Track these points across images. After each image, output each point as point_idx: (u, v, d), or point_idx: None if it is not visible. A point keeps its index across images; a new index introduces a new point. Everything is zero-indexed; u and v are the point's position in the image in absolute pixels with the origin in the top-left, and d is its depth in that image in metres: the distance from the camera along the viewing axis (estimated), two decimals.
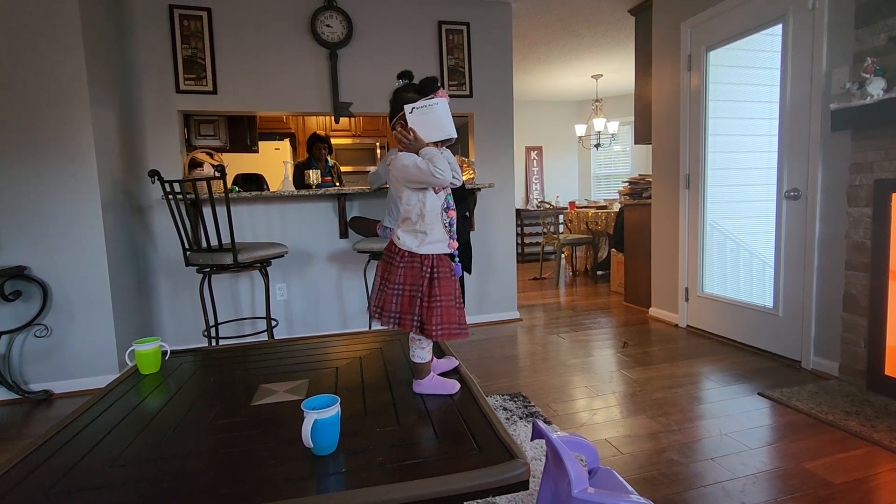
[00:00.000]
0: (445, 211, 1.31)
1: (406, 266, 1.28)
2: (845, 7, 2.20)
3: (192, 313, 3.06)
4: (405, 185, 1.29)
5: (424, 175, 1.23)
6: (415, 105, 1.24)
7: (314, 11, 3.11)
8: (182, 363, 1.65)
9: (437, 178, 1.22)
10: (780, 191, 2.58)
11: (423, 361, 1.32)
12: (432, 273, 1.27)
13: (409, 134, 1.26)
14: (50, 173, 2.41)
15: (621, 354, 2.79)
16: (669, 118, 3.35)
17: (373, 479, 0.90)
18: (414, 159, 1.25)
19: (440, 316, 1.24)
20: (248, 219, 3.10)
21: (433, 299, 1.25)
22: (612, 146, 6.60)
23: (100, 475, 0.96)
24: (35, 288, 2.41)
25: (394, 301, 1.28)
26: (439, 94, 1.27)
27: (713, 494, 1.47)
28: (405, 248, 1.29)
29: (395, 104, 1.30)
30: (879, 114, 1.97)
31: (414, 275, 1.27)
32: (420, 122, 1.25)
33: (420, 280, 1.27)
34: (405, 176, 1.26)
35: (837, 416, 1.92)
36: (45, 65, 2.36)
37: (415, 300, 1.26)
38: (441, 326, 1.24)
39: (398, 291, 1.28)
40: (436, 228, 1.28)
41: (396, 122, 1.29)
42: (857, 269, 2.18)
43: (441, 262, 1.29)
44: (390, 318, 1.28)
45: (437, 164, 1.22)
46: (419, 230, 1.28)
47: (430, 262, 1.28)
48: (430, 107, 1.24)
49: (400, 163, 1.27)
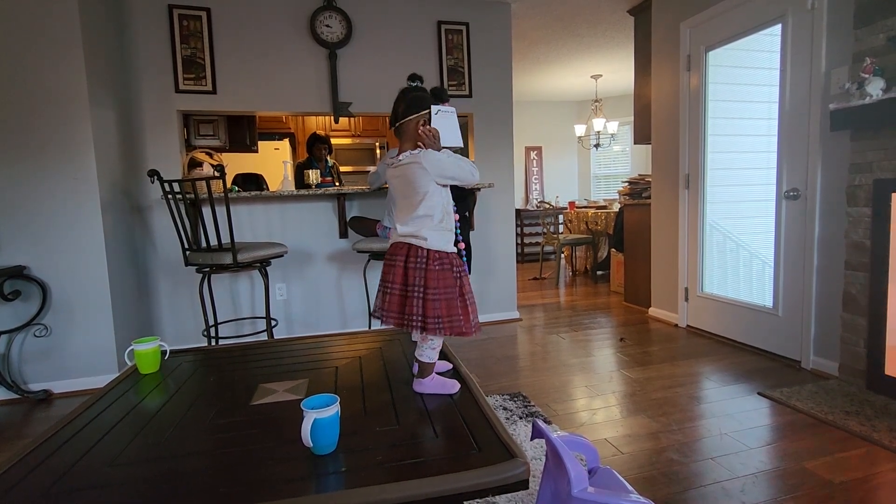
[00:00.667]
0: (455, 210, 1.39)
1: (439, 270, 1.27)
2: (844, 7, 2.20)
3: (191, 313, 3.06)
4: (436, 180, 1.30)
5: (463, 172, 1.31)
6: (440, 108, 1.31)
7: (313, 11, 3.11)
8: (181, 363, 1.64)
9: (474, 176, 1.34)
10: (780, 191, 2.58)
11: (432, 361, 1.33)
12: (460, 272, 1.32)
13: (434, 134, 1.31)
14: (49, 173, 2.40)
15: (621, 354, 2.79)
16: (669, 118, 3.35)
17: (372, 479, 0.90)
18: (446, 155, 1.31)
19: (474, 312, 1.31)
20: (248, 219, 3.10)
21: (466, 298, 1.31)
22: (611, 146, 6.60)
23: (99, 475, 0.96)
24: (34, 287, 2.41)
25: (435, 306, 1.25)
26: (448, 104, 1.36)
27: (713, 494, 1.47)
28: (436, 249, 1.28)
29: (415, 102, 1.34)
30: (878, 114, 1.97)
31: (447, 277, 1.28)
32: (442, 125, 1.32)
33: (454, 282, 1.29)
34: (441, 170, 1.29)
35: (837, 415, 1.92)
36: (45, 64, 2.36)
37: (452, 303, 1.27)
38: (475, 322, 1.32)
39: (437, 296, 1.25)
40: (451, 227, 1.35)
41: (419, 119, 1.33)
42: (856, 269, 2.18)
43: (459, 261, 1.34)
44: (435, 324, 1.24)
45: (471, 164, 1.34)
46: (447, 228, 1.31)
47: (456, 262, 1.32)
48: (451, 113, 1.34)
49: (434, 157, 1.29)
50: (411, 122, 1.33)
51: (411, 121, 1.33)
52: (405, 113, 1.34)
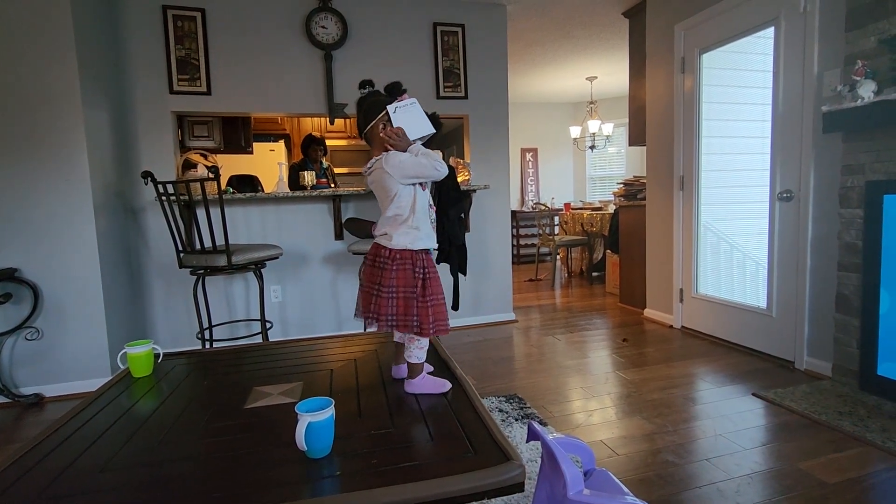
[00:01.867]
0: (430, 207, 1.37)
1: (399, 269, 1.30)
2: (836, 10, 2.22)
3: (185, 315, 3.04)
4: (401, 182, 1.31)
5: (426, 169, 1.29)
6: (397, 105, 1.29)
7: (309, 13, 3.10)
8: (175, 366, 1.63)
9: (438, 171, 1.30)
10: (773, 192, 2.59)
11: (420, 361, 1.33)
12: (424, 274, 1.30)
13: (397, 133, 1.30)
14: (42, 174, 2.38)
15: (616, 356, 2.79)
16: (663, 120, 3.36)
17: (367, 482, 0.90)
18: (408, 156, 1.29)
19: (435, 314, 1.29)
20: (243, 220, 3.08)
21: (428, 299, 1.29)
22: (606, 148, 6.62)
23: (90, 480, 0.95)
24: (26, 290, 2.39)
25: (389, 304, 1.29)
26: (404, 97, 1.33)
27: (708, 495, 1.47)
28: (398, 248, 1.31)
29: (371, 109, 1.34)
30: (870, 116, 1.98)
31: (407, 276, 1.30)
32: (404, 121, 1.30)
33: (414, 281, 1.29)
34: (403, 172, 1.29)
35: (831, 416, 1.93)
36: (38, 65, 2.34)
37: (410, 301, 1.29)
38: (436, 324, 1.29)
39: (392, 294, 1.30)
40: (424, 224, 1.34)
41: (378, 124, 1.33)
42: (849, 270, 2.19)
43: (430, 261, 1.32)
44: (387, 321, 1.30)
45: (435, 158, 1.29)
46: (413, 226, 1.31)
47: (421, 262, 1.31)
48: (411, 105, 1.30)
49: (395, 160, 1.29)
50: (374, 129, 1.34)
51: (373, 127, 1.34)
52: (365, 122, 1.35)
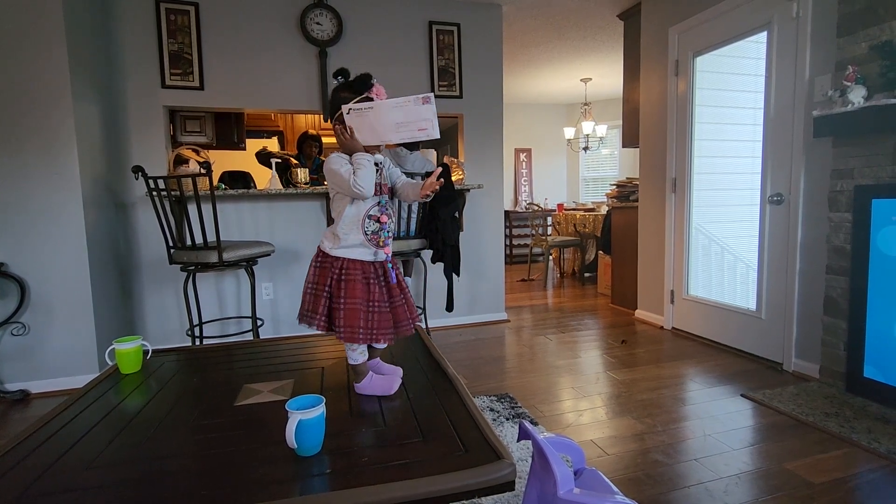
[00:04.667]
0: (370, 219, 1.28)
1: (318, 266, 1.30)
2: (828, 16, 2.25)
3: (175, 312, 3.01)
4: (330, 188, 1.29)
5: (343, 183, 1.22)
6: (352, 106, 1.22)
7: (304, 9, 3.09)
8: (164, 362, 1.62)
9: (355, 191, 1.22)
10: (764, 195, 2.62)
11: (356, 363, 1.32)
12: (340, 275, 1.26)
13: (347, 132, 1.25)
14: (30, 168, 2.35)
15: (607, 356, 2.81)
16: (657, 122, 3.38)
17: (358, 480, 0.89)
18: (340, 167, 1.23)
19: (343, 318, 1.24)
20: (235, 217, 3.06)
21: (338, 301, 1.25)
22: (600, 149, 6.65)
23: (76, 477, 0.93)
24: (12, 285, 2.35)
25: (307, 300, 1.30)
26: (374, 92, 1.25)
27: (696, 495, 1.48)
28: (324, 250, 1.30)
29: (332, 104, 1.29)
30: (860, 121, 2.01)
31: (324, 275, 1.28)
32: (356, 123, 1.24)
33: (328, 280, 1.27)
34: (331, 180, 1.26)
35: (817, 417, 1.95)
36: (27, 58, 2.30)
37: (319, 299, 1.27)
38: (342, 329, 1.24)
39: (311, 290, 1.30)
40: (351, 235, 1.27)
41: (336, 121, 1.28)
42: (837, 273, 2.22)
43: (352, 265, 1.26)
44: (301, 314, 1.31)
45: (359, 179, 1.20)
46: (335, 233, 1.28)
47: (339, 263, 1.27)
48: (365, 110, 1.22)
49: (328, 165, 1.25)
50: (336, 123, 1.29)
51: (335, 121, 1.28)
52: (330, 117, 1.31)
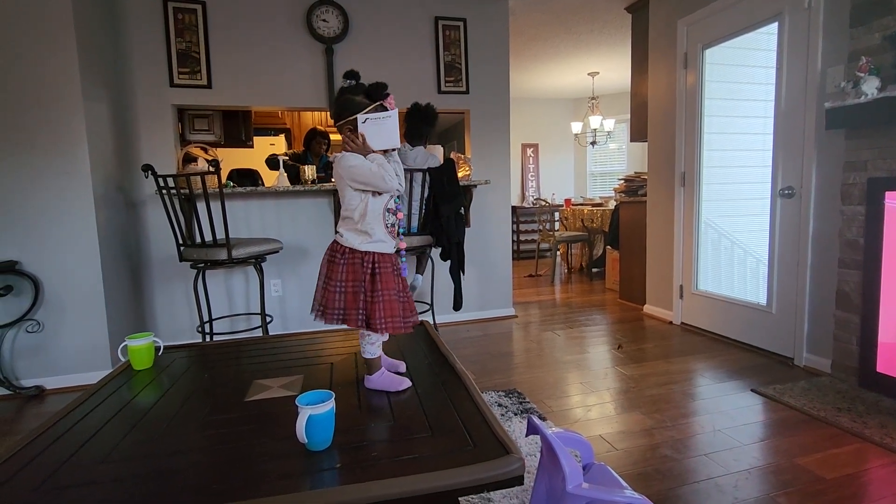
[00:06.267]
0: (388, 212, 1.32)
1: (347, 263, 1.30)
2: (841, 6, 2.21)
3: (185, 309, 3.04)
4: (349, 184, 1.29)
5: (374, 178, 1.25)
6: (369, 115, 1.25)
7: (310, 6, 3.09)
8: (175, 359, 1.64)
9: (387, 184, 1.26)
10: (775, 189, 2.59)
11: (373, 357, 1.34)
12: (374, 269, 1.29)
13: (359, 139, 1.27)
14: (42, 168, 2.38)
15: (616, 351, 2.80)
16: (665, 116, 3.35)
17: (367, 475, 0.90)
18: (363, 160, 1.26)
19: (383, 310, 1.26)
20: (243, 214, 3.08)
21: (375, 294, 1.27)
22: (607, 144, 6.61)
23: (90, 471, 0.95)
24: (27, 283, 2.39)
25: (337, 298, 1.29)
26: (388, 100, 1.29)
27: (706, 490, 1.48)
28: (347, 246, 1.31)
29: (343, 108, 1.30)
30: (873, 113, 1.97)
31: (356, 271, 1.29)
32: (370, 131, 1.26)
33: (362, 276, 1.28)
34: (350, 175, 1.27)
35: (829, 412, 1.93)
36: (37, 59, 2.33)
37: (357, 296, 1.28)
38: (384, 320, 1.26)
39: (341, 288, 1.29)
40: (377, 229, 1.30)
41: (345, 125, 1.29)
42: (849, 267, 2.19)
43: (382, 258, 1.30)
44: (334, 315, 1.30)
45: (387, 171, 1.26)
46: (361, 230, 1.30)
47: (370, 258, 1.29)
48: (383, 118, 1.25)
49: (346, 163, 1.27)
50: (343, 127, 1.30)
51: (341, 125, 1.30)
52: (336, 118, 1.32)
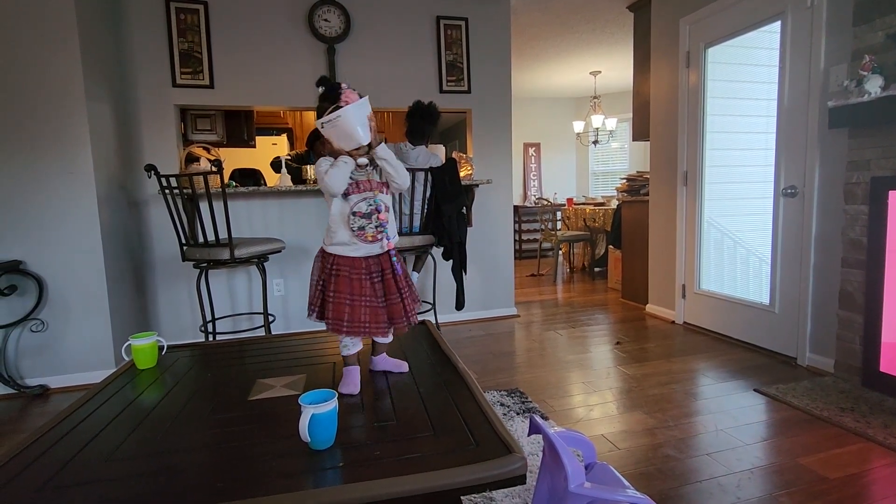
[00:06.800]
0: (356, 215, 1.32)
1: (319, 260, 1.39)
2: (843, 4, 2.20)
3: (188, 308, 3.05)
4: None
5: (320, 180, 1.32)
6: (323, 120, 1.29)
7: (312, 6, 3.09)
8: (179, 358, 1.64)
9: (324, 184, 1.30)
10: (778, 188, 2.58)
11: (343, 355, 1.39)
12: (331, 270, 1.34)
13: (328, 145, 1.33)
14: (45, 168, 2.39)
15: (618, 350, 2.80)
16: (667, 115, 3.34)
17: (370, 474, 0.90)
18: (320, 167, 1.32)
19: (331, 311, 1.32)
20: (246, 214, 3.08)
21: (327, 295, 1.33)
22: (609, 143, 6.60)
23: (95, 470, 0.96)
24: (31, 282, 2.40)
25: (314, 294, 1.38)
26: (344, 98, 1.29)
27: (709, 489, 1.48)
28: (322, 247, 1.39)
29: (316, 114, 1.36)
30: (877, 111, 1.97)
31: (322, 270, 1.37)
32: (331, 133, 1.30)
33: (325, 276, 1.35)
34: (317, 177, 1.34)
35: (832, 412, 1.93)
36: (40, 59, 2.34)
37: (317, 291, 1.36)
38: (330, 322, 1.32)
39: (312, 283, 1.39)
40: (339, 232, 1.34)
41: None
42: (852, 267, 2.18)
43: (341, 261, 1.34)
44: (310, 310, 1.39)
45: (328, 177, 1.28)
46: (330, 229, 1.36)
47: (331, 260, 1.35)
48: (333, 119, 1.27)
49: (316, 167, 1.34)
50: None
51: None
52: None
